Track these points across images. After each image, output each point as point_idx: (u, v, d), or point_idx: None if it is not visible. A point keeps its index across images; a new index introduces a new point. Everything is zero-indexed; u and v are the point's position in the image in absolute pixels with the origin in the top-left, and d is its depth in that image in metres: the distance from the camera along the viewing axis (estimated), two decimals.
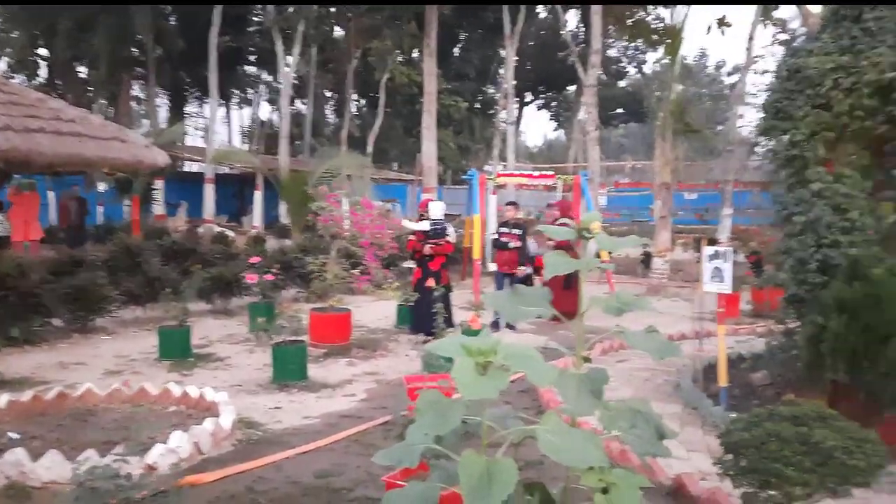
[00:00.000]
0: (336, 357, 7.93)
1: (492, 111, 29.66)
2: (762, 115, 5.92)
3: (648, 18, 20.34)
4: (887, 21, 5.03)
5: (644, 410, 2.29)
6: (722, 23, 15.04)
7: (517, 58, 23.55)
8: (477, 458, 1.96)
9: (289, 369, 6.78)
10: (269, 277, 9.34)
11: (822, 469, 3.11)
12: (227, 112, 40.30)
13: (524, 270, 9.94)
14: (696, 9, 16.14)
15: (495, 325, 9.25)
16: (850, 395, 5.03)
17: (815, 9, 11.44)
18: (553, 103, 43.90)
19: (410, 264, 9.75)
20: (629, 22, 19.54)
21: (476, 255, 12.37)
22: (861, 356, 4.79)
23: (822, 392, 5.30)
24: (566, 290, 8.44)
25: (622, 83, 42.57)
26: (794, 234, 5.39)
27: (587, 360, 2.32)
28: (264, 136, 35.24)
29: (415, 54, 28.45)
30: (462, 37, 33.63)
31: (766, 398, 5.97)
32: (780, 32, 18.01)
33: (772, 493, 3.19)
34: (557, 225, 2.60)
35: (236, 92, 39.07)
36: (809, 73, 5.18)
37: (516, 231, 9.95)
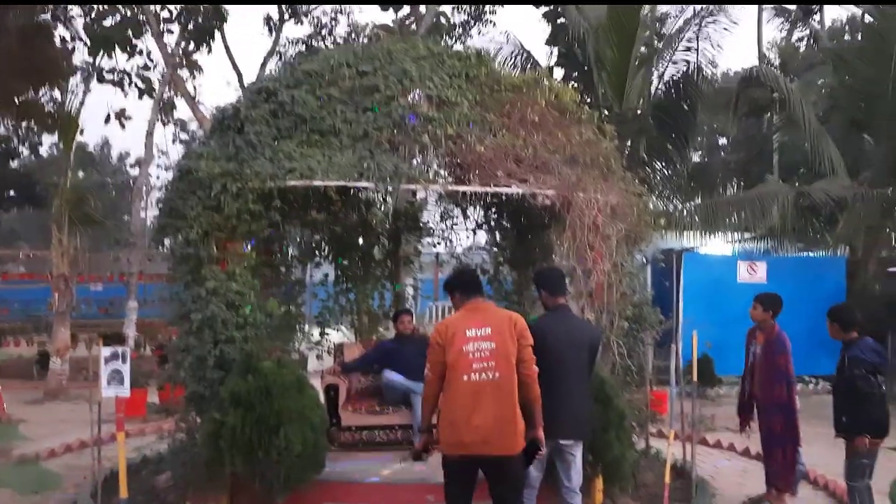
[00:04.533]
0: None
1: None
2: (159, 212, 5.90)
3: (42, 101, 18.74)
4: (265, 136, 5.60)
5: None
6: (120, 115, 14.88)
7: None
8: None
9: None
10: None
11: None
12: None
13: None
14: (95, 99, 15.60)
15: None
16: (248, 487, 5.21)
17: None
18: None
19: None
20: (18, 101, 17.63)
21: None
22: (256, 447, 5.01)
23: (223, 488, 5.37)
24: None
25: (14, 164, 38.26)
26: (192, 332, 5.42)
27: None
28: None
29: None
30: None
31: (170, 503, 5.78)
32: (180, 131, 18.89)
33: None
34: None
35: None
36: (201, 176, 5.37)
37: None
